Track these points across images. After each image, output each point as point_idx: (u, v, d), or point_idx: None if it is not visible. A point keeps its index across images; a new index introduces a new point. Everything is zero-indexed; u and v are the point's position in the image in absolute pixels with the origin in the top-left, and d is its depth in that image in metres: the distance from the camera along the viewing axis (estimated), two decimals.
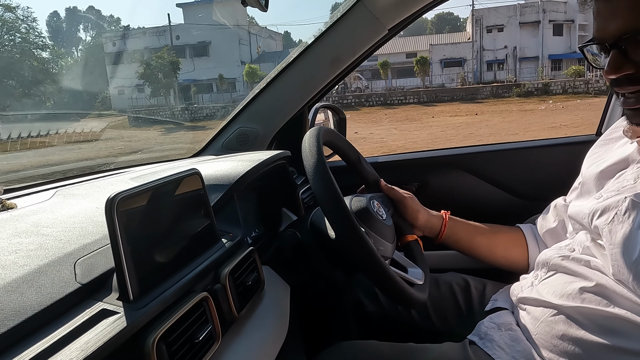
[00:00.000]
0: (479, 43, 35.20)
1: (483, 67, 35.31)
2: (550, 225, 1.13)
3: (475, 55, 35.08)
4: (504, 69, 34.39)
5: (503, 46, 34.86)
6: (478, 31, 35.17)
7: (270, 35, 43.59)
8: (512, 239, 1.19)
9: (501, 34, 34.99)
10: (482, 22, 35.12)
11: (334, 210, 0.85)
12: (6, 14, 38.49)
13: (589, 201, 0.91)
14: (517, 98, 25.54)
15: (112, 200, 0.57)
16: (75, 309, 0.56)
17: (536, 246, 1.16)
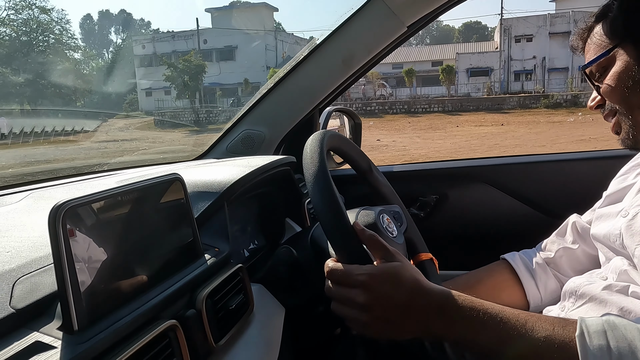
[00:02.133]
0: (507, 53, 34.61)
1: (510, 77, 34.68)
2: (568, 245, 1.01)
3: (503, 65, 34.49)
4: (532, 80, 33.70)
5: (532, 56, 34.20)
6: (506, 41, 34.59)
7: (296, 40, 43.76)
8: (498, 281, 1.06)
9: (530, 43, 34.35)
10: (511, 31, 34.55)
11: (333, 227, 0.74)
12: (41, 16, 39.71)
13: (616, 219, 0.83)
14: (544, 109, 24.98)
15: (57, 210, 0.48)
16: (3, 340, 0.46)
17: (531, 279, 1.04)
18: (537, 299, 1.03)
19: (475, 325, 0.64)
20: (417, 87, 34.36)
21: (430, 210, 1.46)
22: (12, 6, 38.44)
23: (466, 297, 0.68)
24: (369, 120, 24.01)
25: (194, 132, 23.98)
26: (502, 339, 0.62)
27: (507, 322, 0.63)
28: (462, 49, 38.84)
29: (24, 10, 38.85)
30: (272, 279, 0.92)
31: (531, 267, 1.05)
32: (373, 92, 31.76)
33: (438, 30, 75.51)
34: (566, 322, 0.62)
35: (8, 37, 38.47)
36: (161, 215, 0.65)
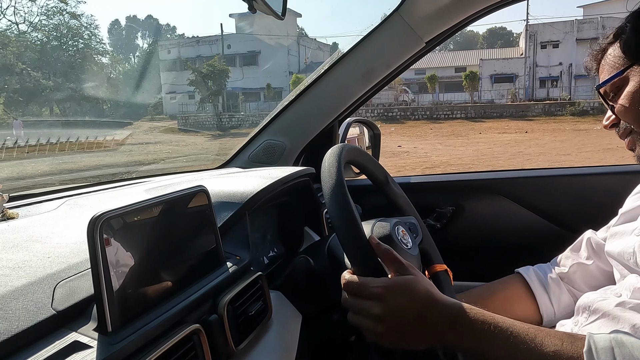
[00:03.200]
0: (532, 59, 34.10)
1: (535, 83, 34.13)
2: (583, 261, 1.02)
3: (528, 72, 33.99)
4: (557, 86, 33.10)
5: (558, 63, 33.61)
6: (532, 47, 34.09)
7: (319, 46, 43.96)
8: (512, 295, 1.07)
9: (556, 50, 33.77)
10: (536, 37, 34.04)
11: (349, 240, 0.77)
12: (71, 21, 40.80)
13: (630, 238, 0.84)
14: (570, 117, 24.51)
15: (94, 221, 0.52)
16: (46, 339, 0.51)
17: (544, 293, 1.04)
18: (551, 313, 1.04)
19: (486, 338, 0.66)
20: (440, 93, 34.09)
21: (447, 222, 1.48)
22: (44, 12, 39.67)
23: (478, 310, 0.70)
24: (390, 126, 23.93)
25: (217, 136, 24.30)
26: (512, 352, 0.64)
27: (517, 336, 0.65)
28: (486, 55, 38.40)
29: (55, 16, 40.03)
30: (290, 287, 0.96)
31: (545, 282, 1.06)
32: (395, 98, 31.65)
33: (462, 36, 74.86)
34: (575, 337, 0.63)
35: (39, 42, 39.62)
36: (187, 224, 0.69)
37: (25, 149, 8.94)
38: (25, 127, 27.53)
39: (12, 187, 1.89)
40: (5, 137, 15.56)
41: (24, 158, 8.72)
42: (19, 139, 16.48)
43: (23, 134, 20.76)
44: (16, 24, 39.19)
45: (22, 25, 39.14)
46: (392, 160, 11.65)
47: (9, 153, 9.46)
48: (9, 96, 35.34)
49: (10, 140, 11.95)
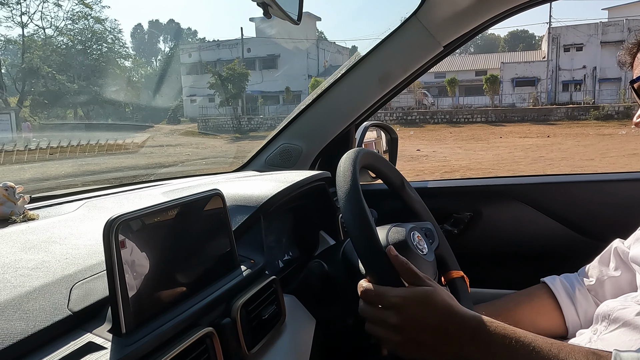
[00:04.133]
0: (555, 62, 33.55)
1: (558, 87, 33.57)
2: (611, 272, 0.99)
3: (550, 75, 33.45)
4: (581, 90, 32.47)
5: (581, 66, 33.00)
6: (554, 50, 33.55)
7: (338, 50, 44.01)
8: (537, 305, 1.04)
9: (580, 53, 33.17)
10: (559, 40, 33.49)
11: (363, 244, 0.77)
12: (96, 26, 41.73)
13: None
14: (594, 121, 24.02)
15: (111, 224, 0.53)
16: (61, 339, 0.51)
17: (571, 305, 1.01)
18: (577, 325, 1.01)
19: (507, 352, 0.65)
20: (460, 97, 33.77)
21: (464, 227, 1.45)
22: (70, 16, 40.64)
23: (499, 323, 0.69)
24: (409, 129, 23.81)
25: (236, 139, 24.50)
26: None
27: (539, 352, 0.63)
28: (507, 58, 37.92)
29: (80, 21, 40.97)
30: (304, 291, 0.95)
31: (572, 293, 1.03)
32: (415, 102, 31.46)
33: (483, 39, 74.13)
34: (599, 355, 0.62)
35: (65, 46, 40.59)
36: (202, 227, 0.70)
37: (48, 151, 9.16)
38: (50, 129, 28.18)
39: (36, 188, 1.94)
40: (32, 139, 15.95)
41: (48, 160, 8.93)
42: (29, 141, 16.85)
43: (32, 136, 21.16)
44: (43, 28, 40.29)
45: (49, 30, 40.21)
46: (410, 164, 11.57)
47: (32, 155, 9.70)
48: (35, 99, 36.26)
49: (34, 142, 12.25)
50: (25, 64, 36.19)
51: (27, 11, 39.16)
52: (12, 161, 9.55)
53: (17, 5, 37.70)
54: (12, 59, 43.23)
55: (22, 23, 38.09)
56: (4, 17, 56.75)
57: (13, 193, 0.81)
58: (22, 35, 38.45)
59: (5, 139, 20.87)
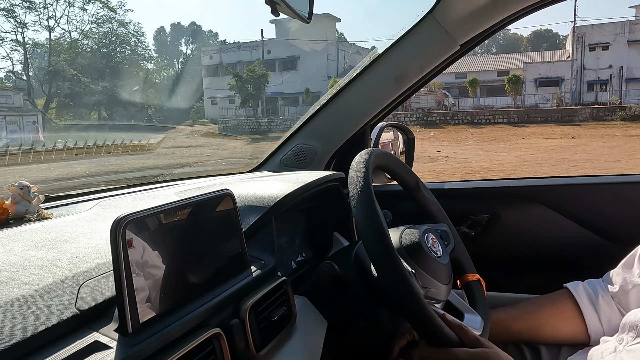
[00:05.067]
0: (580, 62, 32.84)
1: (583, 87, 32.84)
2: (635, 279, 0.95)
3: (575, 75, 32.75)
4: (607, 90, 31.72)
5: (607, 65, 32.24)
6: (579, 49, 32.84)
7: (358, 50, 43.90)
8: (559, 311, 1.02)
9: (606, 52, 32.41)
10: (584, 39, 32.78)
11: (375, 246, 0.75)
12: (120, 29, 42.56)
13: None
14: (621, 122, 23.43)
15: (118, 223, 0.53)
16: (67, 338, 0.52)
17: (594, 312, 0.99)
18: (599, 332, 0.98)
19: None
20: (481, 98, 33.34)
21: (482, 230, 1.42)
22: (95, 20, 41.50)
23: None
24: (429, 130, 23.61)
25: (255, 140, 24.66)
26: None
27: None
28: (530, 58, 37.28)
29: (104, 24, 41.83)
30: (315, 293, 0.94)
31: (595, 300, 1.00)
32: (436, 102, 31.18)
33: (505, 38, 73.00)
34: None
35: (90, 49, 41.47)
36: (212, 228, 0.69)
37: (73, 151, 9.37)
38: (75, 130, 28.79)
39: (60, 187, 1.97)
40: (57, 140, 16.34)
41: (73, 160, 9.12)
42: (36, 142, 17.10)
43: (42, 138, 21.48)
44: (69, 32, 41.23)
45: (74, 33, 41.12)
46: (430, 165, 11.47)
47: (59, 155, 9.93)
48: (61, 100, 37.13)
49: (60, 142, 12.54)
50: (52, 66, 37.13)
51: (53, 15, 40.02)
52: (40, 161, 9.79)
53: (45, 9, 38.70)
54: (39, 62, 44.42)
55: (49, 27, 39.08)
56: (32, 21, 58.35)
57: (28, 192, 0.82)
58: (49, 38, 39.43)
59: (33, 139, 21.40)
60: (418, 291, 0.75)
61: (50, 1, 39.07)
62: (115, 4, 42.00)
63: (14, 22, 37.08)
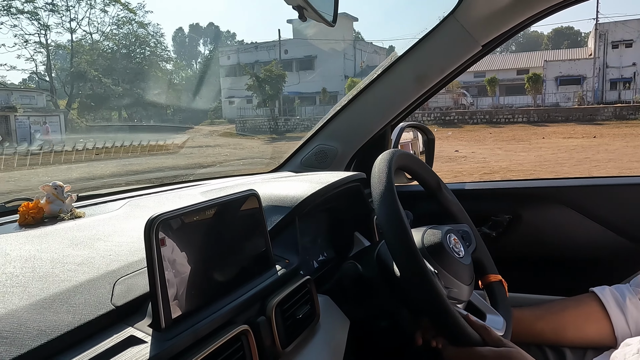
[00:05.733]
0: (602, 59, 32.18)
1: (605, 85, 32.17)
2: None
3: (597, 73, 32.11)
4: (631, 89, 31.01)
5: (631, 63, 31.51)
6: (602, 47, 32.19)
7: (375, 50, 43.78)
8: (585, 312, 1.01)
9: (629, 49, 31.68)
10: (607, 37, 32.11)
11: (397, 246, 0.76)
12: (139, 30, 43.13)
13: None
14: None
15: (151, 222, 0.55)
16: (104, 333, 0.54)
17: (621, 315, 0.97)
18: (627, 335, 0.97)
19: None
20: (500, 97, 32.90)
21: (503, 231, 1.41)
22: (115, 22, 42.16)
23: None
24: (447, 130, 23.40)
25: (272, 139, 24.77)
26: None
27: None
28: (551, 56, 36.68)
29: (124, 25, 42.44)
30: (338, 292, 0.96)
31: (622, 303, 0.99)
32: (453, 102, 30.89)
33: (525, 36, 71.95)
34: None
35: (110, 50, 42.15)
36: (238, 227, 0.71)
37: (94, 152, 9.58)
38: (96, 131, 29.28)
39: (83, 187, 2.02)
40: (78, 140, 16.66)
41: (94, 160, 9.31)
42: (45, 143, 17.25)
43: (52, 139, 21.66)
44: (90, 33, 41.98)
45: (95, 35, 41.85)
46: (448, 165, 11.37)
47: (79, 155, 10.14)
48: (83, 101, 37.83)
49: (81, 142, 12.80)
50: (74, 68, 37.84)
51: (75, 17, 40.92)
52: (61, 161, 10.03)
53: (67, 11, 39.45)
54: (61, 63, 45.34)
55: (71, 29, 39.84)
56: (54, 24, 59.63)
57: (62, 192, 0.86)
58: (71, 40, 40.22)
59: (55, 140, 21.86)
60: (441, 291, 0.76)
61: (73, 3, 39.87)
62: (135, 6, 42.71)
63: (38, 24, 37.88)
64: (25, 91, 33.62)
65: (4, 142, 21.72)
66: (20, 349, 0.46)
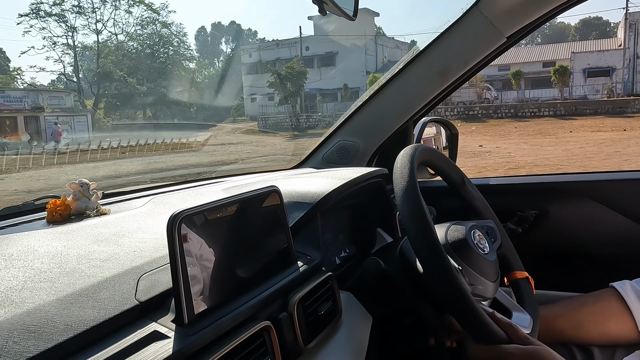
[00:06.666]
0: (633, 50, 31.17)
1: (636, 77, 31.17)
2: None
3: (627, 64, 31.12)
4: None
5: None
6: (632, 37, 31.17)
7: (397, 45, 43.38)
8: (604, 308, 0.99)
9: None
10: (638, 26, 31.09)
11: (420, 242, 0.75)
12: (163, 30, 43.75)
13: None
14: None
15: (173, 219, 0.56)
16: (128, 328, 0.55)
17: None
18: None
19: None
20: (526, 90, 32.22)
21: (529, 226, 1.38)
22: (139, 22, 42.85)
23: None
24: (471, 125, 23.05)
25: (294, 136, 24.83)
26: None
27: None
28: (578, 48, 35.71)
29: (148, 26, 43.10)
30: (360, 288, 0.95)
31: None
32: (477, 96, 30.40)
33: (551, 28, 70.21)
34: None
35: (135, 51, 42.88)
36: (260, 223, 0.71)
37: (119, 150, 9.81)
38: (121, 129, 29.86)
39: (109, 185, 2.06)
40: (105, 139, 17.05)
41: (119, 158, 9.52)
42: (57, 144, 17.40)
43: (63, 141, 21.87)
44: (115, 34, 42.79)
45: (120, 36, 42.64)
46: (472, 160, 11.21)
47: (105, 153, 10.38)
48: (109, 101, 38.63)
49: (107, 141, 13.10)
50: (100, 68, 38.62)
51: (101, 18, 41.65)
52: (88, 159, 10.29)
53: (93, 13, 40.27)
54: (88, 64, 46.33)
55: (97, 30, 40.65)
56: (81, 25, 60.97)
57: (88, 189, 0.87)
58: (97, 41, 41.04)
59: (82, 139, 22.39)
60: (465, 288, 0.74)
61: (98, 5, 40.60)
62: (159, 6, 43.30)
63: (65, 26, 38.77)
64: (54, 92, 34.51)
65: (32, 141, 22.26)
66: (48, 344, 0.47)
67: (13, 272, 0.60)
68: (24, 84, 41.52)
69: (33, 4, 36.86)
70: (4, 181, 8.25)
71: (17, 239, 0.72)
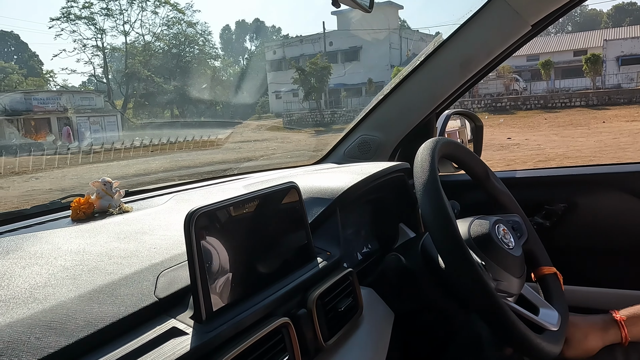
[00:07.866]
0: None
1: None
2: None
3: None
4: None
5: None
6: None
7: (421, 37, 42.78)
8: None
9: None
10: None
11: (441, 237, 0.74)
12: (188, 30, 44.36)
13: None
14: None
15: (191, 215, 0.56)
16: (147, 324, 0.55)
17: None
18: None
19: None
20: (556, 80, 31.34)
21: (558, 220, 1.34)
22: (165, 22, 43.55)
23: None
24: (499, 117, 22.59)
25: (319, 132, 24.84)
26: None
27: None
28: (611, 35, 34.49)
29: (174, 26, 43.76)
30: (382, 284, 0.94)
31: None
32: (505, 87, 29.73)
33: (582, 15, 67.99)
34: None
35: (161, 50, 43.62)
36: (279, 219, 0.71)
37: (149, 148, 10.02)
38: (150, 128, 30.44)
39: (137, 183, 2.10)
40: (134, 137, 17.42)
41: (149, 156, 9.72)
42: (70, 145, 17.58)
43: (74, 142, 22.08)
44: (142, 35, 43.64)
45: (147, 36, 43.44)
46: (500, 153, 10.99)
47: (136, 152, 10.63)
48: (137, 101, 39.47)
49: (137, 140, 13.40)
50: (128, 69, 39.49)
51: (129, 20, 42.66)
52: (121, 157, 10.56)
53: (120, 15, 41.12)
54: (117, 65, 47.44)
55: (125, 32, 41.55)
56: (109, 27, 62.33)
57: (110, 187, 0.89)
58: (125, 42, 41.95)
59: (114, 138, 22.95)
60: (488, 283, 0.72)
61: (126, 7, 41.50)
62: (184, 6, 43.93)
63: (94, 29, 39.72)
64: (84, 93, 35.44)
65: (63, 140, 22.86)
66: (69, 339, 0.48)
67: (37, 270, 0.61)
68: (56, 86, 42.83)
69: (64, 8, 37.91)
70: (39, 180, 8.54)
71: (42, 237, 0.74)
